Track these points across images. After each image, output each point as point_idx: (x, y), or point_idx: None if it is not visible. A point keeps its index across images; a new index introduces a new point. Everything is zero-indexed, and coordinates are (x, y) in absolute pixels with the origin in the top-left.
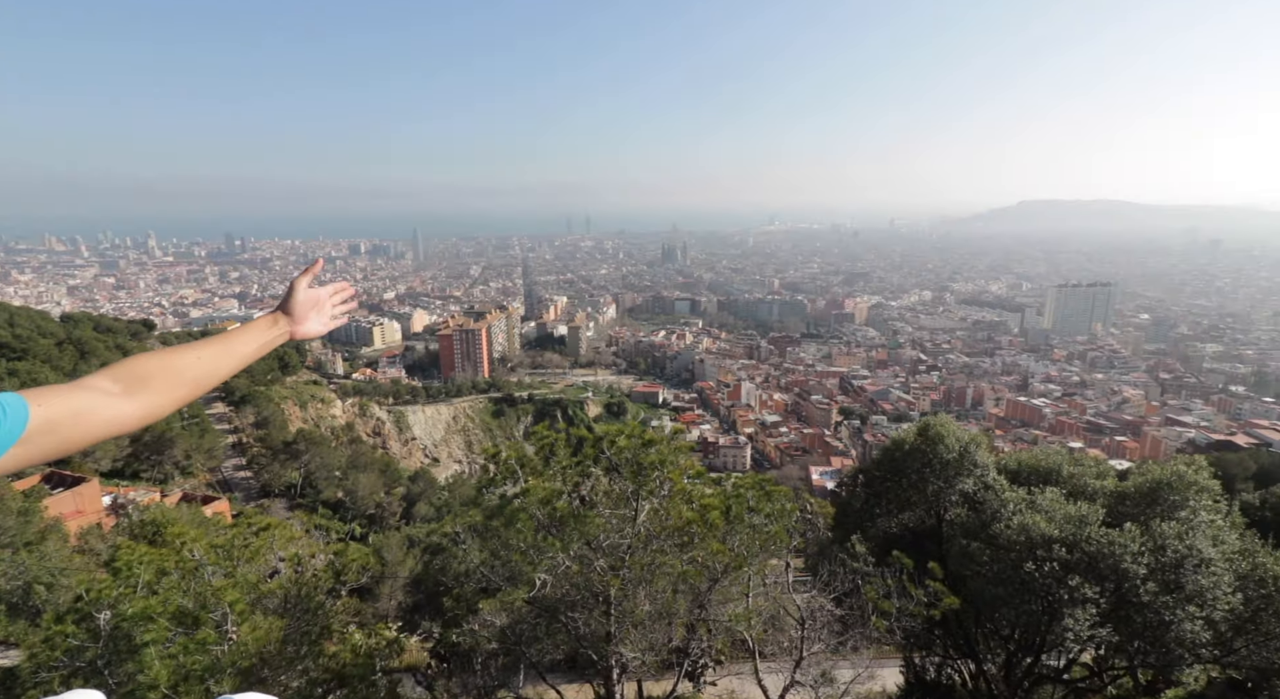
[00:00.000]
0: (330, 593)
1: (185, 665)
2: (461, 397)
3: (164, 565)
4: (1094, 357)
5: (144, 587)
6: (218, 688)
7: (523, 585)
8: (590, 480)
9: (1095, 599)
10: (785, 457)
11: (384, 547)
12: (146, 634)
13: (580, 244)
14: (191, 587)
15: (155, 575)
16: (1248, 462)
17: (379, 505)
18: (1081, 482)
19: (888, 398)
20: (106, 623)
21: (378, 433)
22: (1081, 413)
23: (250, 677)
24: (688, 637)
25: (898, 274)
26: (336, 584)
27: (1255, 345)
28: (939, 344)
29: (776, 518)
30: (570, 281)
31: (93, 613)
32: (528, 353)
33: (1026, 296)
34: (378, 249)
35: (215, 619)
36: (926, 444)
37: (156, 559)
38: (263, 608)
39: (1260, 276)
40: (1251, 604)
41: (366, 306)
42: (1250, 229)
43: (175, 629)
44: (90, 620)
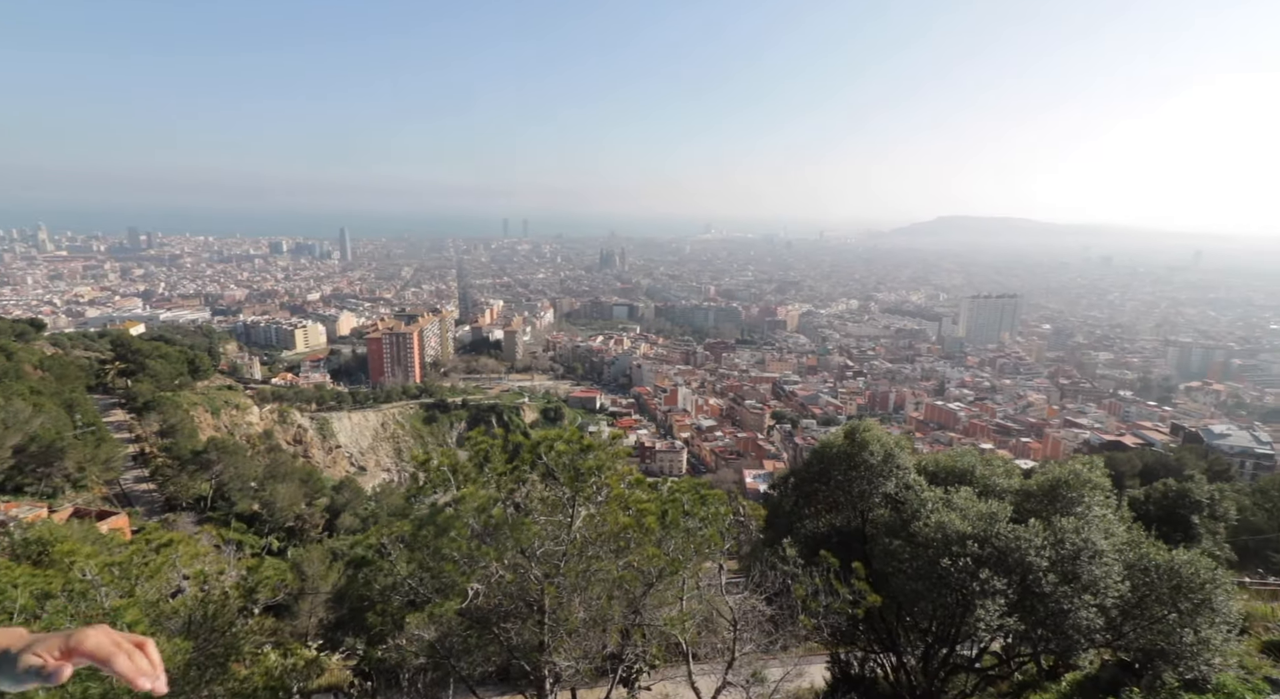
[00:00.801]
0: (241, 612)
1: (75, 695)
2: (391, 402)
3: (48, 588)
4: (1002, 363)
5: (21, 611)
6: None
7: (454, 597)
8: (526, 487)
9: (1004, 591)
10: (720, 460)
11: (304, 561)
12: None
13: (517, 247)
14: (81, 609)
15: (36, 599)
16: (1134, 460)
17: (299, 517)
18: (991, 481)
19: (818, 402)
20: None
21: (299, 441)
22: (991, 416)
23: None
24: (622, 642)
25: (827, 283)
26: (248, 603)
27: (1140, 353)
28: (865, 351)
29: (711, 522)
30: (507, 285)
31: None
32: (462, 357)
33: (943, 306)
34: (301, 248)
35: None
36: (853, 447)
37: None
38: (164, 630)
39: (1144, 291)
40: (1138, 591)
41: (289, 308)
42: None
43: None
44: None
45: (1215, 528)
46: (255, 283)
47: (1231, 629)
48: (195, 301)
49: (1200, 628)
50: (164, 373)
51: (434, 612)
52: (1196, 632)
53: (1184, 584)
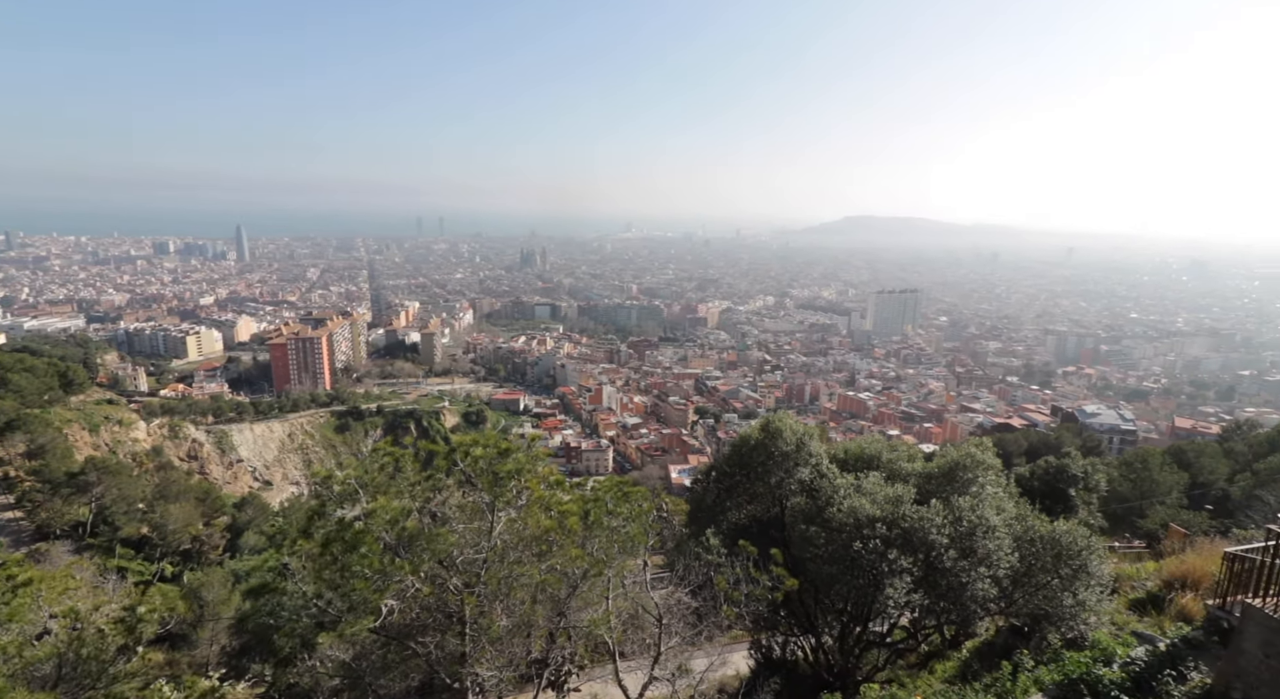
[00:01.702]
0: (123, 650)
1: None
2: (299, 411)
3: None
4: (906, 354)
5: None
6: None
7: (367, 614)
8: (443, 495)
9: (910, 569)
10: (646, 457)
11: (203, 586)
12: None
13: (433, 246)
14: None
15: None
16: (1021, 440)
17: (196, 539)
18: (897, 466)
19: (738, 397)
20: None
21: (194, 456)
22: (897, 404)
23: None
24: (548, 646)
25: (745, 281)
26: (130, 639)
27: (1024, 343)
28: (781, 345)
29: (634, 519)
30: (423, 286)
31: None
32: (376, 362)
33: (852, 302)
34: (192, 248)
35: None
36: (769, 439)
37: None
38: (28, 679)
39: (1026, 285)
40: (1025, 561)
41: (178, 314)
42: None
43: None
44: None
45: (1089, 499)
46: (138, 286)
47: (1104, 590)
48: (67, 308)
49: (1078, 591)
50: (30, 388)
51: (346, 631)
52: (1075, 595)
53: (1064, 552)
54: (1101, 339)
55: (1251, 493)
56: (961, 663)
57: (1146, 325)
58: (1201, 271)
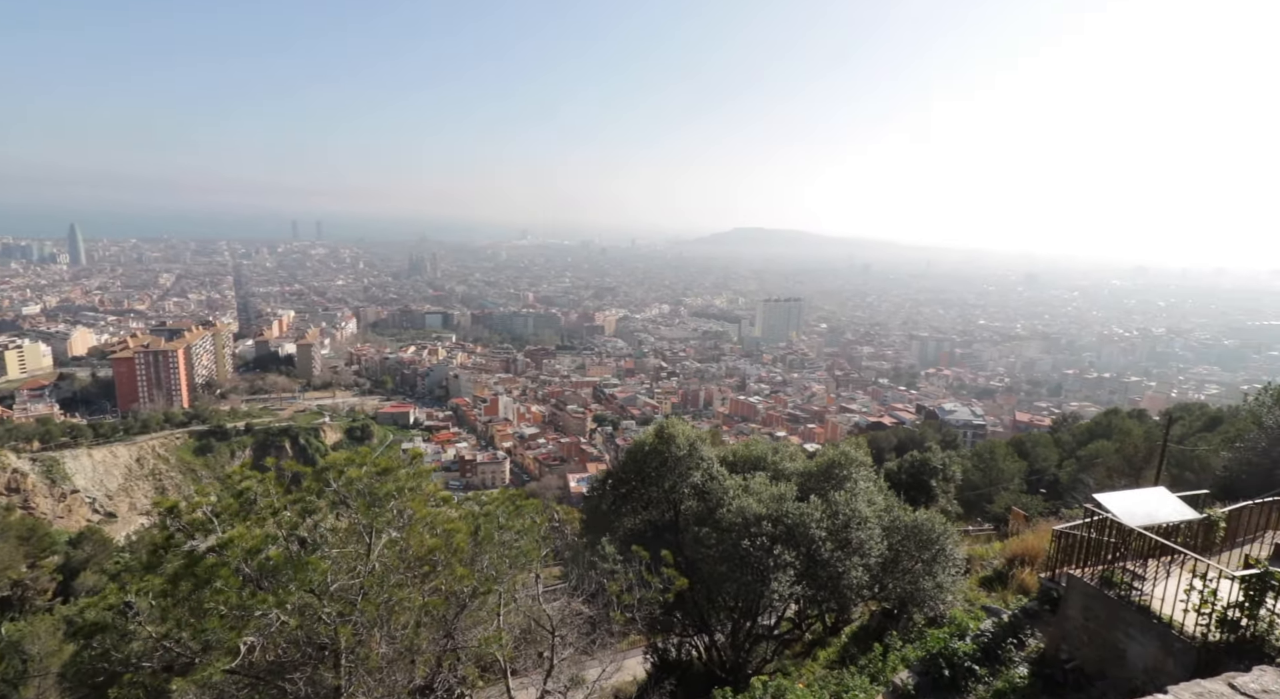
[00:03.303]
0: None
1: None
2: (149, 433)
3: None
4: (791, 359)
5: None
6: None
7: (224, 655)
8: (314, 518)
9: (793, 563)
10: (544, 467)
11: (26, 637)
12: None
13: (310, 251)
14: None
15: None
16: (891, 437)
17: (18, 584)
18: (782, 465)
19: (636, 403)
20: None
21: (15, 489)
22: (784, 406)
23: None
24: (433, 671)
25: (640, 289)
26: None
27: (893, 347)
28: (676, 352)
29: (527, 532)
30: (299, 293)
31: None
32: (244, 376)
33: (742, 310)
34: (12, 249)
35: None
36: (662, 444)
37: None
38: None
39: (894, 294)
40: (893, 549)
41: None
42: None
43: None
44: None
45: (947, 488)
46: None
47: (959, 571)
48: None
49: (938, 574)
50: None
51: (200, 676)
52: (935, 578)
53: (925, 539)
54: (957, 343)
55: (1076, 477)
56: (841, 648)
57: (992, 331)
58: (1033, 283)
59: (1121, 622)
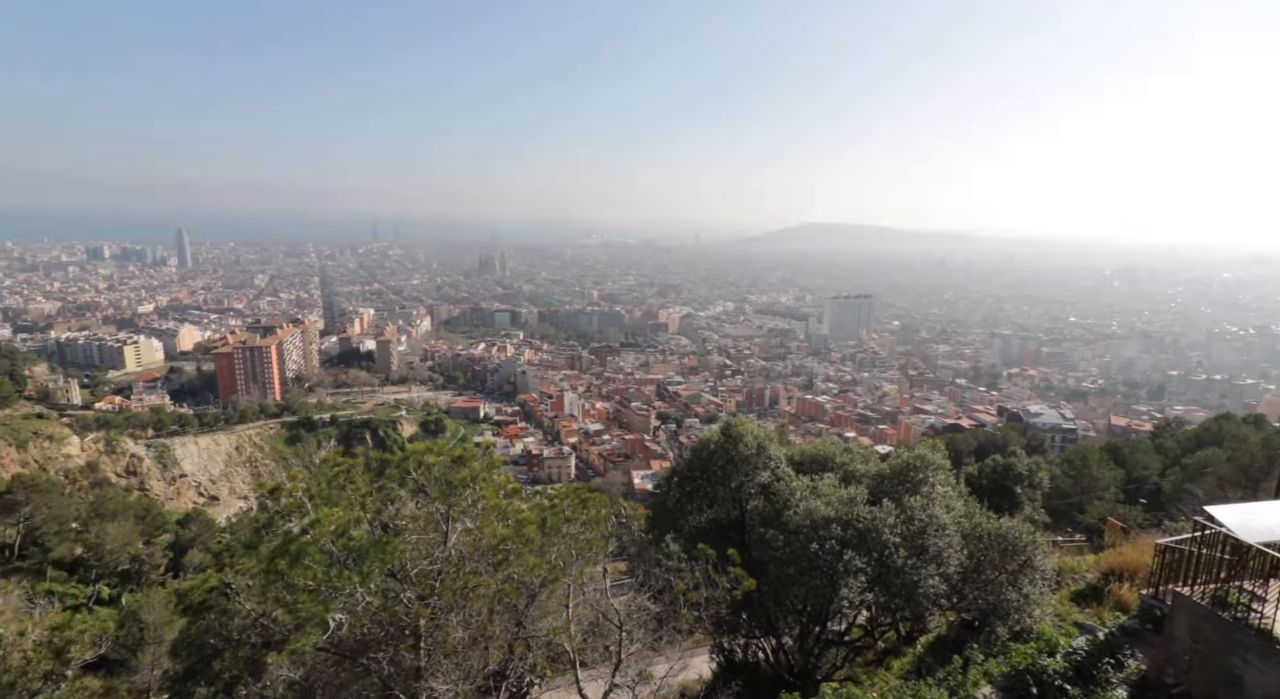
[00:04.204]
0: (47, 678)
1: None
2: (246, 423)
3: None
4: (861, 358)
5: None
6: None
7: (314, 630)
8: (395, 505)
9: (864, 568)
10: (609, 463)
11: (142, 607)
12: None
13: (389, 252)
14: None
15: None
16: (970, 440)
17: (135, 559)
18: (852, 467)
19: (700, 401)
20: None
21: (133, 472)
22: (854, 406)
23: None
24: (506, 658)
25: (704, 286)
26: (57, 665)
27: (972, 345)
28: (741, 350)
29: (592, 525)
30: (378, 292)
31: None
32: (329, 370)
33: (809, 307)
34: (129, 253)
35: None
36: (729, 443)
37: None
38: None
39: (972, 289)
40: (974, 558)
41: (114, 322)
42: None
43: None
44: None
45: (1034, 495)
46: (70, 294)
47: (1048, 584)
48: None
49: (1024, 586)
50: None
51: (294, 649)
52: (1020, 589)
53: (1010, 548)
54: (1043, 341)
55: (1181, 487)
56: (916, 658)
57: (1084, 328)
58: (1131, 277)
59: (1237, 646)
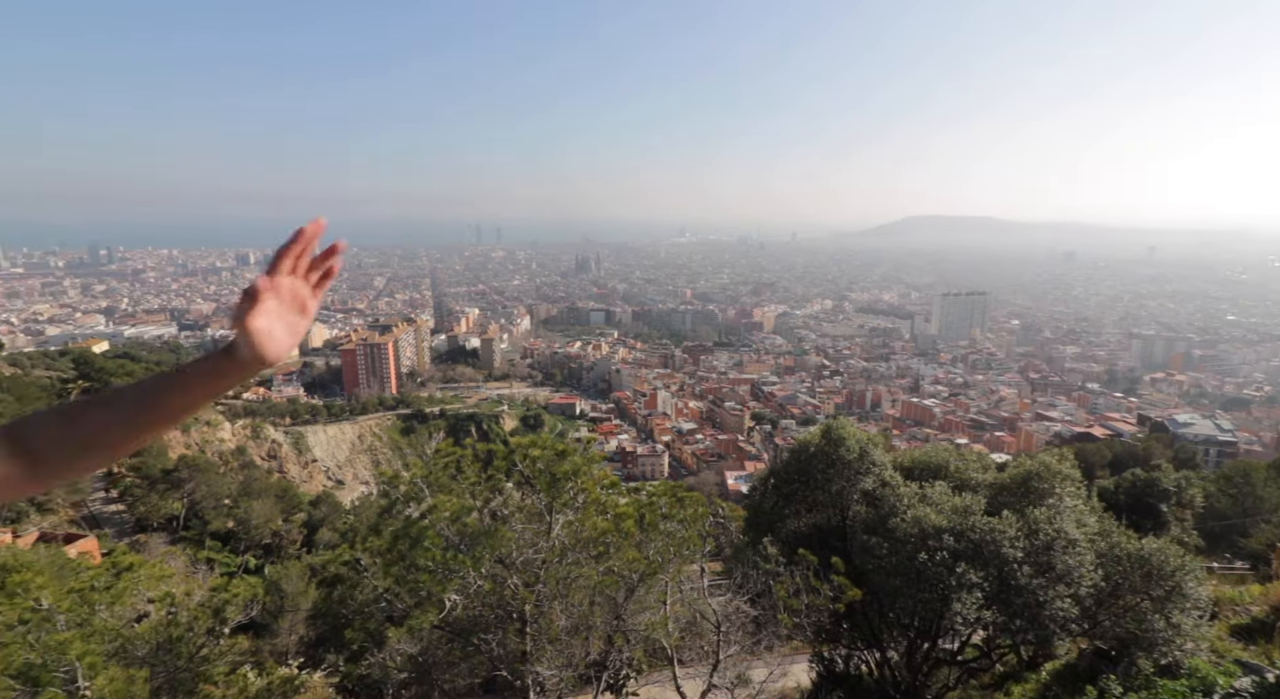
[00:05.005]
0: (210, 634)
1: None
2: (367, 414)
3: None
4: (974, 359)
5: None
6: None
7: (432, 608)
8: (502, 495)
9: (980, 584)
10: (702, 463)
11: (281, 578)
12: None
13: (491, 255)
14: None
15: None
16: (1104, 451)
17: (276, 534)
18: (966, 475)
19: (796, 402)
20: None
21: (273, 456)
22: (966, 411)
23: None
24: (606, 649)
25: (801, 284)
26: (216, 623)
27: (1105, 346)
28: (840, 350)
29: (689, 524)
30: (482, 293)
31: None
32: (438, 367)
33: (915, 305)
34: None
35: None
36: (829, 446)
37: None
38: (127, 656)
39: (1105, 285)
40: (1111, 580)
41: None
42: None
43: (20, 688)
44: None
45: (1183, 515)
46: (223, 296)
47: (1202, 614)
48: (161, 317)
49: (1172, 614)
50: None
51: (413, 625)
52: (1168, 618)
53: (1154, 572)
54: (1194, 343)
55: None
56: (1041, 685)
57: (1246, 328)
58: None
59: None
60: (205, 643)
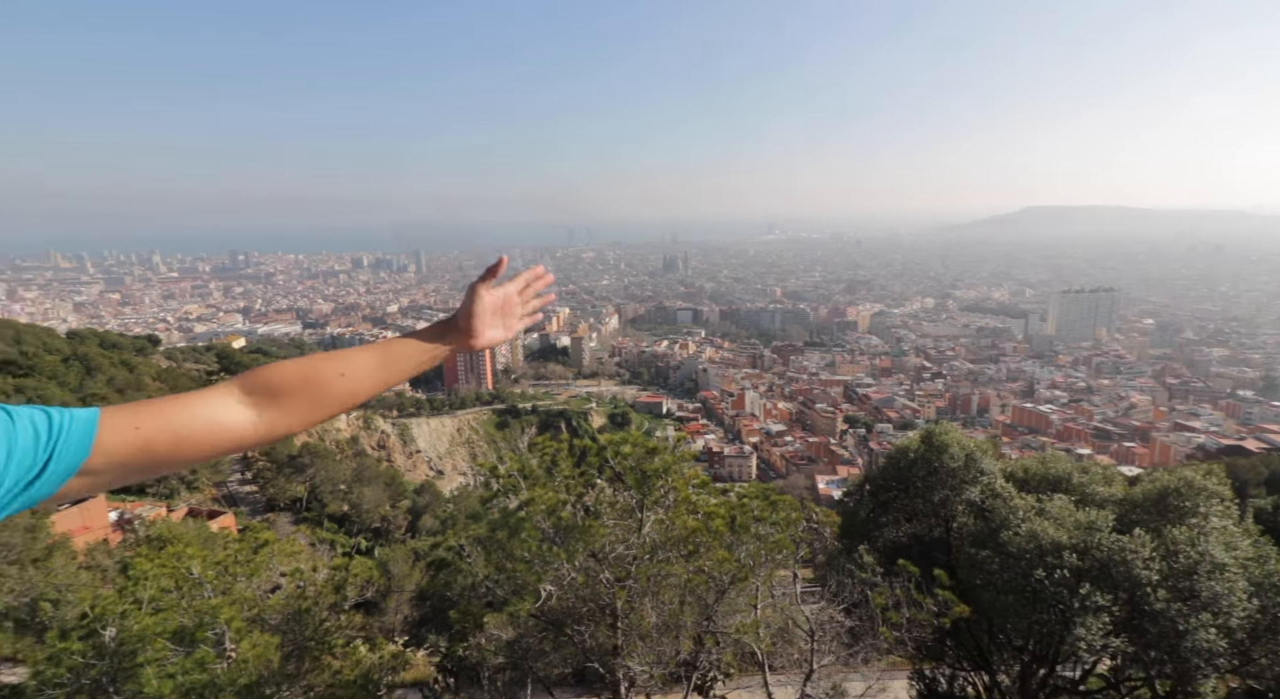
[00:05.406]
0: (332, 608)
1: (185, 684)
2: (465, 408)
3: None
4: (1099, 362)
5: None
6: None
7: (528, 597)
8: (594, 491)
9: (1107, 607)
10: (791, 466)
11: (390, 560)
12: (146, 654)
13: (581, 255)
14: (191, 604)
15: (159, 591)
16: (1259, 467)
17: (384, 518)
18: (1090, 489)
19: (893, 405)
20: (112, 640)
21: (382, 446)
22: (1089, 419)
23: (251, 694)
24: (695, 649)
25: (900, 281)
26: (338, 599)
27: (1261, 349)
28: (943, 351)
29: (782, 527)
30: (572, 292)
31: (98, 630)
32: (531, 364)
33: (1030, 303)
34: (381, 263)
35: (213, 637)
36: (931, 452)
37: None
38: (262, 624)
39: (1260, 281)
40: (1269, 612)
41: (370, 320)
42: (1246, 233)
43: (175, 648)
44: (95, 637)
45: None
46: (340, 297)
47: None
48: (288, 316)
49: None
50: None
51: (511, 612)
52: None
53: None
54: None
55: None
56: None
57: None
58: None
59: None
60: (327, 617)
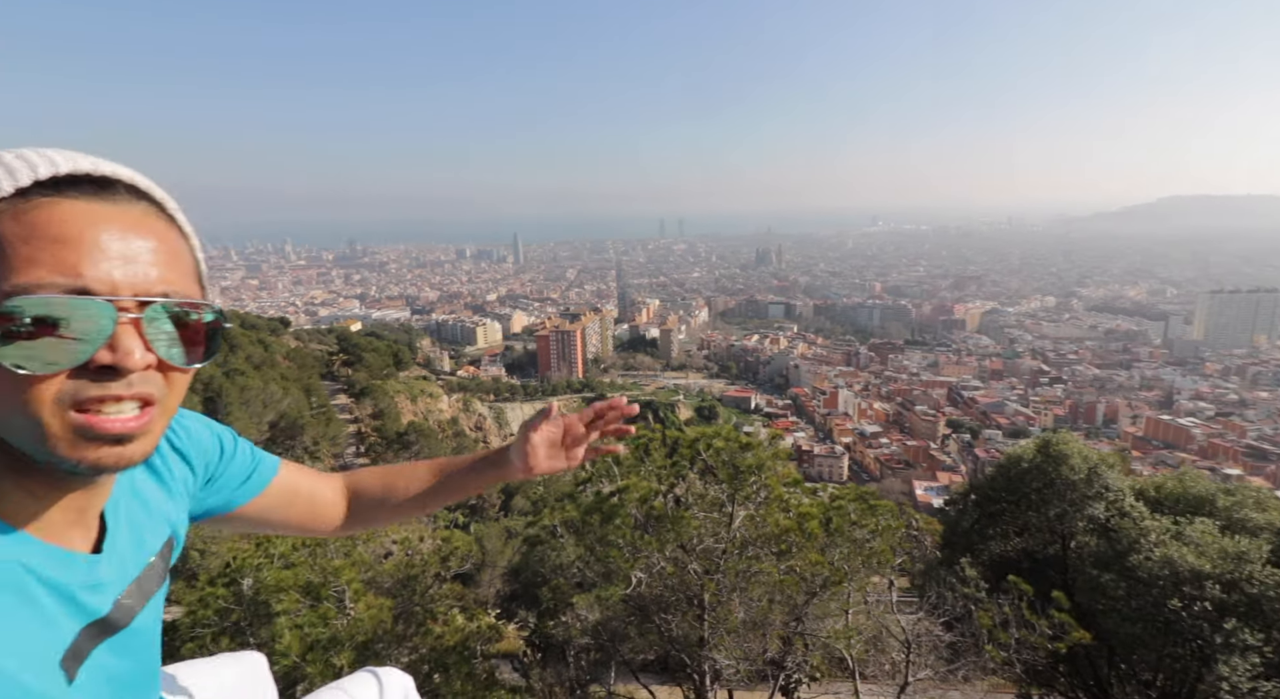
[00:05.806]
0: (436, 577)
1: (310, 636)
2: (557, 395)
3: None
4: (1256, 372)
5: (279, 558)
6: (338, 659)
7: (619, 582)
8: (685, 482)
9: (1259, 647)
10: (886, 469)
11: (485, 536)
12: (279, 604)
13: (673, 247)
14: (317, 562)
15: (289, 549)
16: None
17: (480, 497)
18: (1240, 514)
19: (1003, 411)
20: (249, 589)
21: (479, 428)
22: (1241, 436)
23: (366, 651)
24: (783, 649)
25: (1015, 278)
26: (442, 569)
27: None
28: (1064, 354)
29: (880, 533)
30: (663, 284)
31: (237, 579)
32: (620, 354)
33: (1171, 303)
34: (482, 253)
35: (335, 594)
36: (1048, 463)
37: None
38: (376, 587)
39: None
40: None
41: (471, 308)
42: None
43: (303, 601)
44: (235, 585)
45: None
46: (445, 285)
47: None
48: (399, 302)
49: None
50: (375, 364)
51: (600, 595)
52: None
53: None
54: None
55: None
56: None
57: None
58: None
59: None
60: (432, 585)
